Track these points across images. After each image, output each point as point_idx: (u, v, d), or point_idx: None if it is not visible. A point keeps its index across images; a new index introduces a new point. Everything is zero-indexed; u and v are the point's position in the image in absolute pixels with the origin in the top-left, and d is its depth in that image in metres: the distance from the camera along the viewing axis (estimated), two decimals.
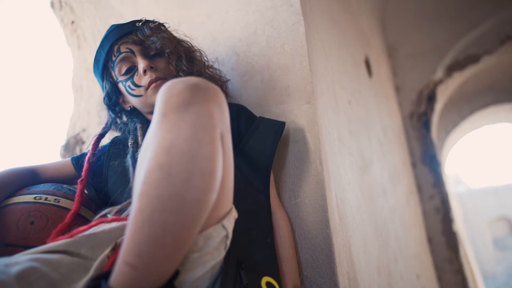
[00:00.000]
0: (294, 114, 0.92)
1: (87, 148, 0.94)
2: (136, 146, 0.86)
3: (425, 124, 2.70)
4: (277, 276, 0.72)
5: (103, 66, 0.91)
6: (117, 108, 0.97)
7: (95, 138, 0.95)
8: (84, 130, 1.47)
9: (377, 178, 1.42)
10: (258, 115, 0.94)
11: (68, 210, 0.84)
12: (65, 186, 0.90)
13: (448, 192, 2.57)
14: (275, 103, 0.96)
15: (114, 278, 0.49)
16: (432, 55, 2.63)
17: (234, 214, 0.64)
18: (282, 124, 0.87)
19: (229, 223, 0.62)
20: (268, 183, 0.83)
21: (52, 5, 1.48)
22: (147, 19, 0.93)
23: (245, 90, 1.04)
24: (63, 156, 1.41)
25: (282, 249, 0.79)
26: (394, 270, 1.28)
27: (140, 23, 0.91)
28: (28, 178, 0.90)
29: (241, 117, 0.90)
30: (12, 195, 0.83)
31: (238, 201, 0.66)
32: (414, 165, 2.57)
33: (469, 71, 2.75)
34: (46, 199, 0.82)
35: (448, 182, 4.58)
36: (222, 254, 0.62)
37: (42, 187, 0.87)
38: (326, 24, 1.21)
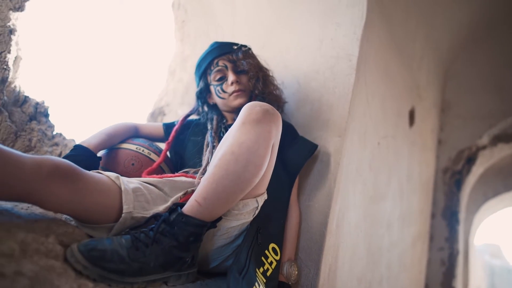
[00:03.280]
0: (327, 142, 1.22)
1: (176, 121, 1.31)
2: (212, 130, 1.20)
3: (457, 182, 2.83)
4: (281, 246, 1.04)
5: (203, 71, 1.27)
6: (203, 100, 1.33)
7: (183, 116, 1.33)
8: (167, 105, 1.88)
9: (385, 212, 1.67)
10: (300, 134, 1.25)
11: (155, 162, 1.21)
12: (154, 144, 1.28)
13: (459, 250, 2.68)
14: (316, 129, 1.27)
15: (186, 207, 0.83)
16: (482, 121, 2.74)
17: (265, 196, 0.97)
18: (315, 146, 1.19)
19: (261, 200, 0.95)
20: (293, 184, 1.15)
21: (173, 5, 1.90)
22: (241, 44, 1.28)
23: (297, 113, 1.36)
24: (149, 120, 1.83)
25: (289, 232, 1.11)
26: None
27: (236, 47, 1.26)
28: (132, 131, 1.29)
29: (288, 133, 1.22)
30: (122, 142, 1.22)
31: (270, 189, 0.99)
32: (433, 215, 2.72)
33: None
34: (143, 151, 1.20)
35: (472, 248, 4.50)
36: (250, 218, 0.95)
37: (141, 141, 1.25)
38: (377, 77, 1.49)
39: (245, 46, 1.29)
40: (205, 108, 1.34)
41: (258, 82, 1.22)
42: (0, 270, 0.53)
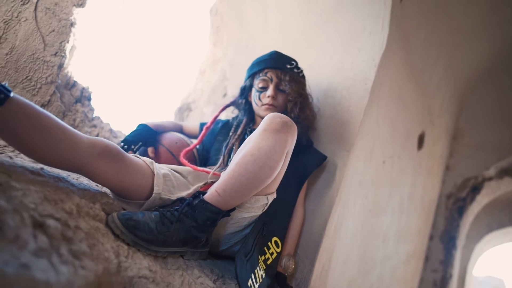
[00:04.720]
0: (335, 155, 1.35)
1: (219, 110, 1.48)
2: (233, 137, 1.34)
3: (460, 209, 2.91)
4: (283, 241, 1.18)
5: (253, 73, 1.41)
6: (244, 96, 1.47)
7: (222, 106, 1.50)
8: (194, 102, 2.04)
9: (382, 226, 1.79)
10: (315, 145, 1.38)
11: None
12: (192, 139, 1.47)
13: (452, 274, 2.76)
14: (327, 142, 1.41)
15: (207, 195, 0.98)
16: (492, 153, 2.82)
17: (274, 195, 1.12)
18: (325, 157, 1.32)
19: (271, 198, 1.09)
20: (301, 188, 1.29)
21: (211, 10, 2.06)
22: (296, 65, 1.39)
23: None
24: (176, 115, 2.00)
25: (291, 230, 1.25)
26: None
27: (289, 66, 1.38)
28: (179, 127, 1.54)
29: (304, 143, 1.35)
30: (172, 130, 1.47)
31: (280, 190, 1.13)
32: (431, 237, 2.81)
33: None
34: (186, 140, 1.41)
35: (470, 276, 4.52)
36: (259, 212, 1.09)
37: (183, 136, 1.46)
38: (389, 101, 1.61)
39: (298, 68, 1.40)
40: (243, 102, 1.48)
41: (295, 107, 1.34)
42: (66, 222, 0.69)
